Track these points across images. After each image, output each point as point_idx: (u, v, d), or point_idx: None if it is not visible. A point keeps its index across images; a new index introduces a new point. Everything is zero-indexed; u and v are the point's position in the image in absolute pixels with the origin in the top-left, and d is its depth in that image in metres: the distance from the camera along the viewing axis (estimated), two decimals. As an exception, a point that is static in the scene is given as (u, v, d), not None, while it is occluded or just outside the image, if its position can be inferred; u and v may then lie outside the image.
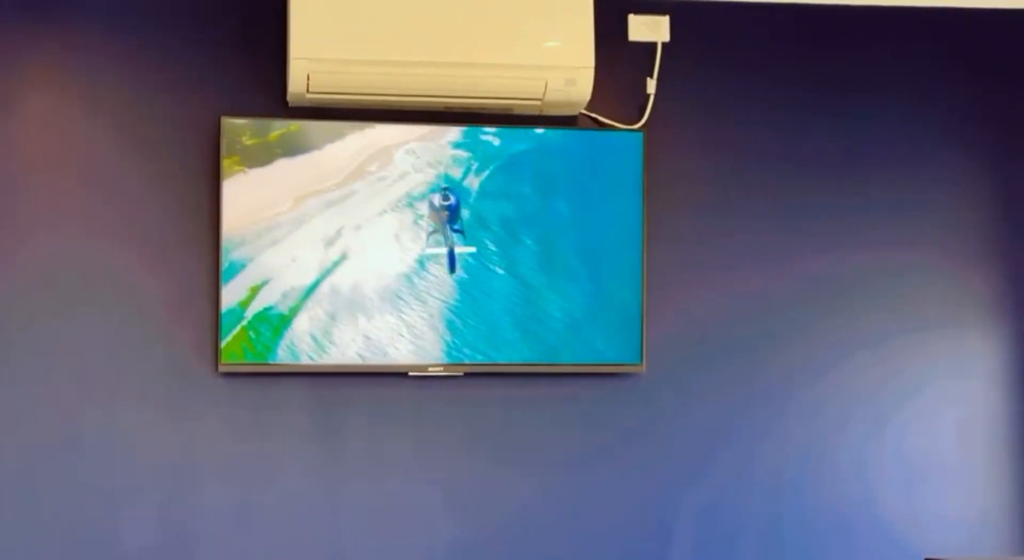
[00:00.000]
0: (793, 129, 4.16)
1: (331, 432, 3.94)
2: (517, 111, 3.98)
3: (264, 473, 3.92)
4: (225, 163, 3.84)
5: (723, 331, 4.10)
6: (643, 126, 4.06)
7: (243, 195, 3.86)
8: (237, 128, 3.83)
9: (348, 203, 3.91)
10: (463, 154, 3.94)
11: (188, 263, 3.89)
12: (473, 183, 3.93)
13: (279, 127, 3.85)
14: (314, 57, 3.71)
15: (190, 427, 3.89)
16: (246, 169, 3.85)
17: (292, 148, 3.87)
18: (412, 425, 3.97)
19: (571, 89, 3.84)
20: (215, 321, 3.87)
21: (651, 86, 4.08)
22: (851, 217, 4.16)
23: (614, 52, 4.03)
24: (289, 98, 3.88)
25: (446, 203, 3.83)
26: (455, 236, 3.87)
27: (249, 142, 3.84)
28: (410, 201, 3.92)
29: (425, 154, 3.92)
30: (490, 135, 3.95)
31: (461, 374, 3.96)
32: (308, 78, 3.75)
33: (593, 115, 4.06)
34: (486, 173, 3.91)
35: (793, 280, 4.11)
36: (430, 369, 3.93)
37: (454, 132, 3.91)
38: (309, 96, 3.83)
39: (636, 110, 4.09)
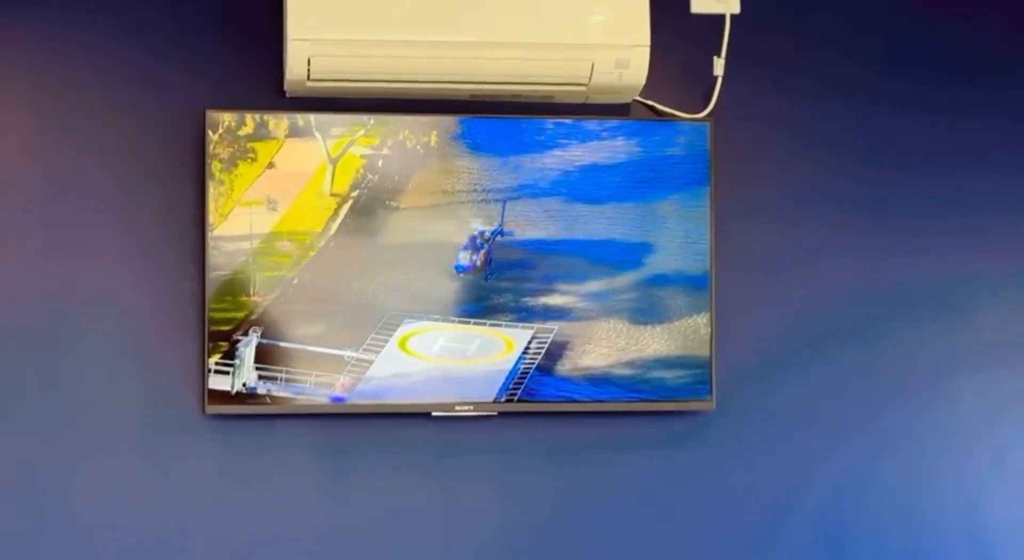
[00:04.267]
0: (893, 117, 3.92)
1: (336, 486, 3.71)
2: (558, 99, 3.75)
3: (257, 537, 3.68)
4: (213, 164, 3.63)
5: (808, 360, 3.87)
6: (709, 115, 3.82)
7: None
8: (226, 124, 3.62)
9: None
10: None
11: (170, 281, 3.65)
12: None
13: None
14: (316, 37, 3.49)
15: (169, 482, 3.64)
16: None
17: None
18: (436, 477, 3.74)
19: (623, 72, 3.64)
20: (201, 352, 3.60)
21: (718, 67, 3.84)
22: (966, 216, 3.95)
23: (673, 27, 3.82)
24: (287, 87, 3.64)
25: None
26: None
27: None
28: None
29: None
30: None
31: (495, 414, 3.71)
32: (309, 63, 3.53)
33: (649, 103, 3.83)
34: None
35: (893, 294, 3.92)
36: (457, 408, 3.67)
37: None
38: (310, 84, 3.59)
39: (701, 96, 3.86)
